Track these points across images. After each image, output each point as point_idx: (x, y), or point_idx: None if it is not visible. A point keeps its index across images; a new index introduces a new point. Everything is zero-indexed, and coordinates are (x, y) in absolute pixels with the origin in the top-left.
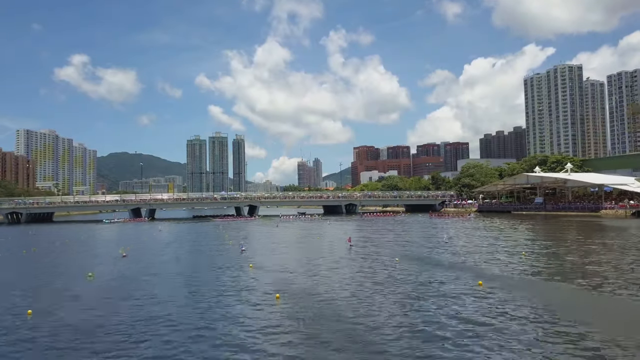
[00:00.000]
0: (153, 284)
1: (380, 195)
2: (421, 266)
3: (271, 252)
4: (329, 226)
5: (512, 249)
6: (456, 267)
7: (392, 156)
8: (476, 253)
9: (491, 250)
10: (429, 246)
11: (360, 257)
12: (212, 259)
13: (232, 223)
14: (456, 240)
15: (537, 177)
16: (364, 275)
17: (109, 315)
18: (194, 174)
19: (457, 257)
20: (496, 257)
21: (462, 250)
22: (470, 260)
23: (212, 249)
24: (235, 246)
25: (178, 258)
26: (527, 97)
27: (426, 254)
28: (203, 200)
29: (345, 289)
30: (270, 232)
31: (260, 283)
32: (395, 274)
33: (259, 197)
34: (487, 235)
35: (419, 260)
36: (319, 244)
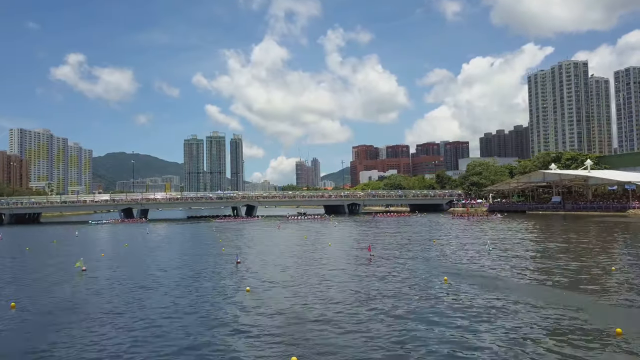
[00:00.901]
0: (97, 323)
1: (384, 195)
2: (483, 290)
3: (274, 265)
4: (336, 228)
5: (583, 261)
6: (538, 293)
7: (392, 155)
8: (545, 269)
9: (560, 264)
10: (471, 257)
11: (391, 275)
12: (198, 275)
13: (229, 224)
14: (502, 248)
15: (554, 175)
16: (407, 309)
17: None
18: (191, 174)
19: (522, 275)
20: (580, 277)
21: (522, 264)
22: (546, 280)
23: (201, 260)
24: (229, 255)
25: (153, 275)
26: (530, 95)
27: (476, 269)
28: (198, 200)
29: (390, 336)
30: (271, 236)
31: (263, 324)
32: (453, 304)
33: (257, 196)
34: (531, 240)
35: (472, 279)
36: (332, 254)
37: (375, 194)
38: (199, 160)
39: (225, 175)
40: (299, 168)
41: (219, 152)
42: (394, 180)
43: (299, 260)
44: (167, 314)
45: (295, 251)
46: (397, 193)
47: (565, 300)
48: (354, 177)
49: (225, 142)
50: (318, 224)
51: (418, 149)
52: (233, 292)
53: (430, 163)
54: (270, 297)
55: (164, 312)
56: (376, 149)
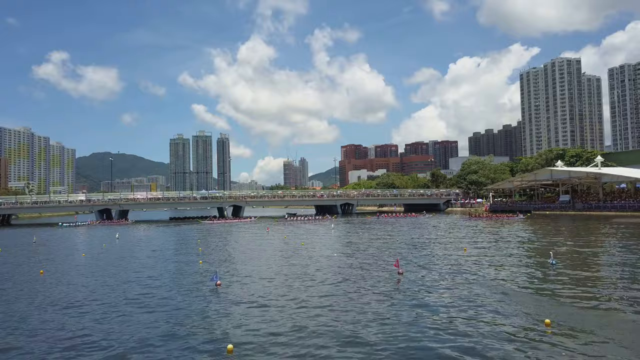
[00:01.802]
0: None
1: (379, 194)
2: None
3: (263, 289)
4: (336, 232)
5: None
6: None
7: (380, 155)
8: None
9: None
10: (538, 276)
11: (444, 312)
12: (159, 310)
13: (214, 227)
14: (566, 262)
15: (562, 172)
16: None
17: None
18: (177, 174)
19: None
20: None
21: (615, 286)
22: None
23: (170, 278)
24: (207, 272)
25: (89, 309)
26: (522, 93)
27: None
28: (181, 200)
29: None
30: (261, 242)
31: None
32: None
33: (244, 196)
34: (591, 248)
35: (581, 319)
36: (341, 270)
37: (369, 193)
38: (185, 160)
39: (211, 175)
40: (287, 168)
41: (205, 151)
42: (386, 179)
43: (299, 280)
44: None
45: (292, 265)
46: (392, 192)
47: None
48: (342, 177)
49: (212, 141)
50: (315, 225)
51: (407, 148)
52: (206, 349)
53: (419, 162)
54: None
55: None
56: (365, 149)
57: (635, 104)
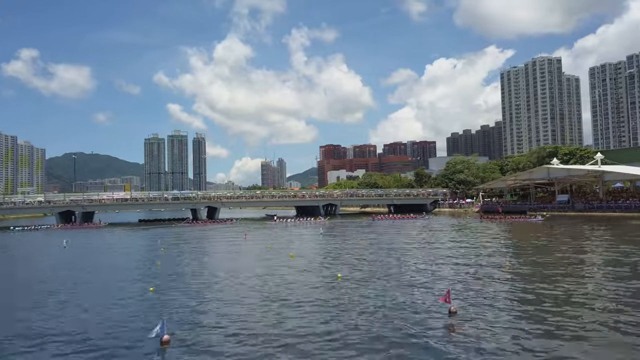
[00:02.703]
0: None
1: (364, 194)
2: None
3: (235, 350)
4: (329, 239)
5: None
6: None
7: (359, 155)
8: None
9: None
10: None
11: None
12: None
13: (186, 231)
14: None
15: (561, 170)
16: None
17: None
18: (152, 174)
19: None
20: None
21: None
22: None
23: (99, 322)
24: (156, 307)
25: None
26: (503, 92)
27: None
28: (151, 201)
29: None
30: (238, 255)
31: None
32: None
33: (220, 196)
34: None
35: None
36: (363, 307)
37: (353, 193)
38: (161, 160)
39: (187, 175)
40: (265, 168)
41: (181, 151)
42: (369, 179)
43: (293, 328)
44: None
45: (281, 299)
46: (377, 192)
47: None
48: (321, 177)
49: (187, 141)
50: (305, 229)
51: (385, 149)
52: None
53: (398, 163)
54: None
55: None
56: (344, 149)
57: (616, 103)
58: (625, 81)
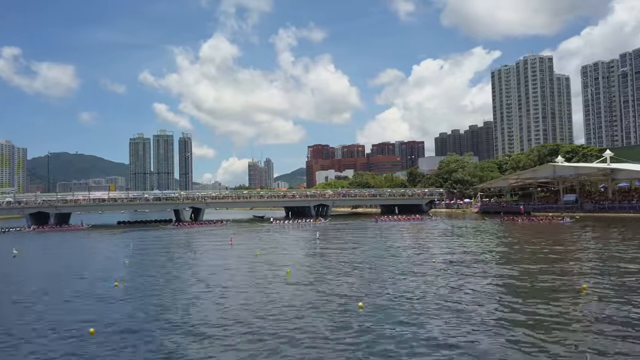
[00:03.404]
0: None
1: (357, 194)
2: None
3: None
4: (331, 246)
5: None
6: None
7: (347, 155)
8: None
9: None
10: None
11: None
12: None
13: (165, 234)
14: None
15: (568, 168)
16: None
17: None
18: (137, 175)
19: None
20: None
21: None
22: None
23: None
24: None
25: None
26: (494, 90)
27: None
28: (131, 202)
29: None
30: (221, 268)
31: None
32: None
33: (204, 197)
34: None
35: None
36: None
37: (345, 193)
38: (146, 160)
39: (173, 175)
40: (252, 169)
41: (166, 151)
42: (360, 178)
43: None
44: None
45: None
46: (371, 192)
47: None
48: (309, 178)
49: (173, 141)
50: (303, 231)
51: (373, 149)
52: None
53: (387, 163)
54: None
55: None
56: (332, 149)
57: (609, 102)
58: (618, 80)
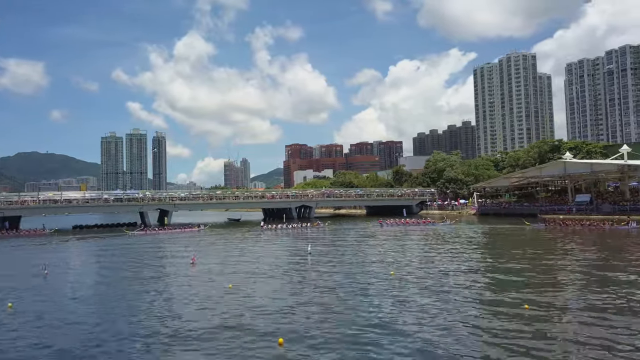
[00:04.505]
0: None
1: (342, 194)
2: None
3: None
4: (324, 266)
5: None
6: None
7: (326, 155)
8: None
9: None
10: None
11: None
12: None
13: (118, 243)
14: None
15: (581, 166)
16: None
17: None
18: (110, 174)
19: None
20: None
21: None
22: None
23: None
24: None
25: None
26: (476, 89)
27: None
28: (87, 204)
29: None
30: (174, 308)
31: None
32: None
33: (172, 197)
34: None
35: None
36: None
37: (330, 193)
38: (118, 159)
39: (146, 175)
40: (228, 169)
41: (139, 151)
42: (342, 177)
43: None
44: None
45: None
46: (357, 192)
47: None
48: (287, 178)
49: (147, 140)
50: (296, 240)
51: (352, 148)
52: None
53: (365, 162)
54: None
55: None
56: (310, 149)
57: (594, 99)
58: (604, 77)
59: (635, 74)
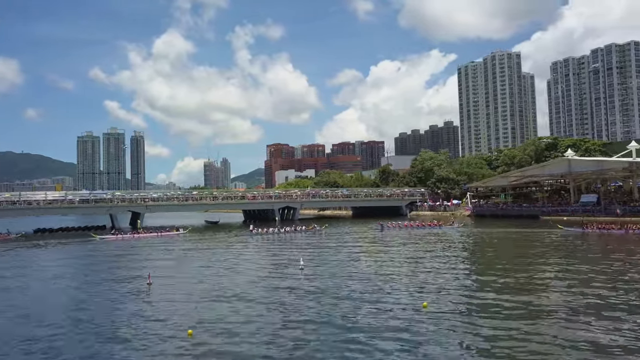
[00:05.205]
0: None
1: (329, 195)
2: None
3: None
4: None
5: None
6: None
7: (308, 155)
8: None
9: None
10: None
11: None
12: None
13: (77, 251)
14: None
15: (590, 163)
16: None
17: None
18: (86, 175)
19: None
20: None
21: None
22: None
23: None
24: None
25: None
26: (460, 88)
27: None
28: (49, 205)
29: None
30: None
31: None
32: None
33: (143, 198)
34: None
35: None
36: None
37: (315, 193)
38: (95, 159)
39: (124, 175)
40: (208, 169)
41: (117, 150)
42: (326, 177)
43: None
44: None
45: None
46: (344, 193)
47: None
48: (268, 178)
49: (125, 139)
50: (290, 246)
51: (334, 148)
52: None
53: (348, 162)
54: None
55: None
56: (292, 149)
57: (579, 99)
58: (589, 76)
59: (621, 72)
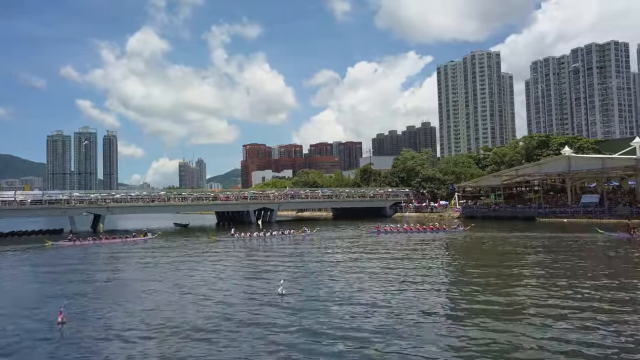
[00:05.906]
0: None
1: (308, 195)
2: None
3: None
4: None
5: None
6: None
7: (285, 155)
8: None
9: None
10: None
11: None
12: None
13: (19, 261)
14: None
15: (592, 161)
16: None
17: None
18: (56, 175)
19: None
20: None
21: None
22: None
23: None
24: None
25: None
26: (440, 87)
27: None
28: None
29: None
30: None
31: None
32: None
33: (105, 199)
34: None
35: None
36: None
37: (294, 194)
38: (66, 159)
39: (96, 176)
40: (183, 169)
41: (89, 150)
42: (305, 177)
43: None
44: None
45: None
46: (325, 193)
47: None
48: (245, 178)
49: (97, 139)
50: (275, 255)
51: (311, 149)
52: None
53: (325, 163)
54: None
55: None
56: (269, 149)
57: (559, 98)
58: (569, 76)
59: (601, 72)
